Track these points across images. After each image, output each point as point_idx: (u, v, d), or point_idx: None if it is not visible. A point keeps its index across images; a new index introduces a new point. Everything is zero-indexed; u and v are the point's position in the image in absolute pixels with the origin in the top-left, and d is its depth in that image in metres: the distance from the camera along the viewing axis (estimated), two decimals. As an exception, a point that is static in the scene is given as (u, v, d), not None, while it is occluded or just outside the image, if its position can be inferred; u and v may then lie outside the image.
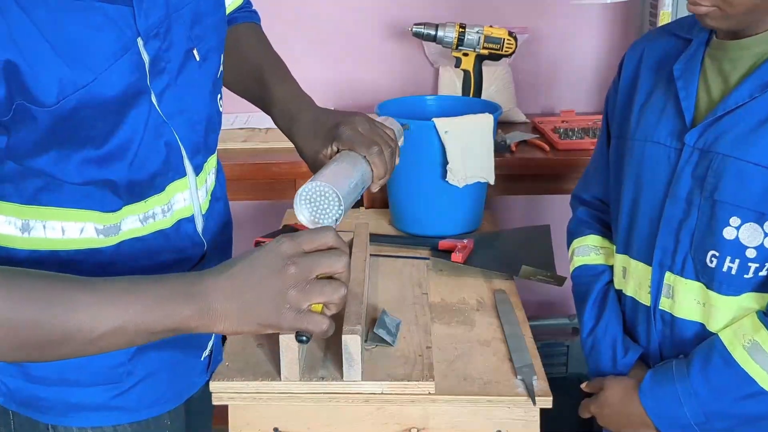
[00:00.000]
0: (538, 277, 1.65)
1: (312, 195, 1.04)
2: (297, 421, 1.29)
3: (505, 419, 1.27)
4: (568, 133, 2.20)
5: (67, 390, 1.09)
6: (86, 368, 1.08)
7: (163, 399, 1.19)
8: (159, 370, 1.16)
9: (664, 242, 1.27)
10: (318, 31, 2.46)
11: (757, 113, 1.17)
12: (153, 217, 1.09)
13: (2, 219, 1.02)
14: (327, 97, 2.50)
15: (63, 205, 1.02)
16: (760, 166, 1.15)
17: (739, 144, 1.17)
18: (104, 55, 0.96)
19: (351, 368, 1.25)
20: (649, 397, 1.27)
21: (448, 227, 1.85)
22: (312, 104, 1.28)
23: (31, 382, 1.07)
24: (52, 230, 1.03)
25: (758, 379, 1.16)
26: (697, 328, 1.26)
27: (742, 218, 1.17)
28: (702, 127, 1.22)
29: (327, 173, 1.07)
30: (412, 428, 1.29)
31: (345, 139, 1.14)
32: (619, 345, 1.38)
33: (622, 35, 2.49)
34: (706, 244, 1.22)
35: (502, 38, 2.17)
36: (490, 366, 1.34)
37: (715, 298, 1.22)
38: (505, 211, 2.58)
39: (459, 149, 1.77)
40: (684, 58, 1.28)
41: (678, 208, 1.25)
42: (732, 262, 1.19)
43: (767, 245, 1.16)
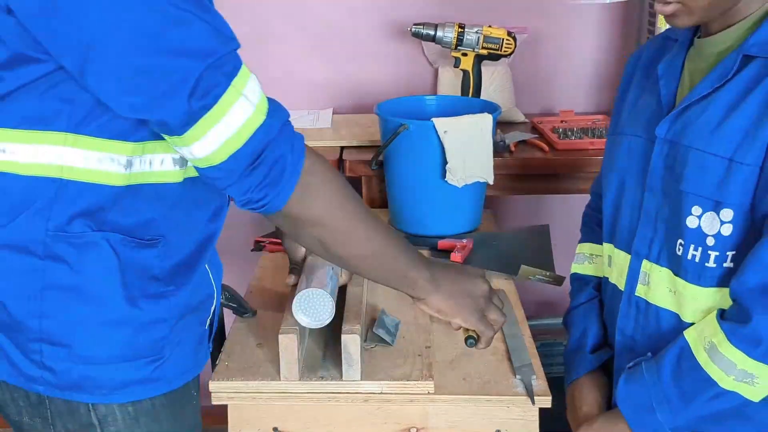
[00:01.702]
0: (537, 276, 1.65)
1: (307, 299, 1.26)
2: (296, 421, 1.29)
3: (505, 419, 1.28)
4: (567, 133, 2.20)
5: (113, 367, 1.10)
6: (132, 343, 1.10)
7: (188, 367, 1.19)
8: (184, 339, 1.17)
9: (643, 231, 1.31)
10: (318, 31, 2.45)
11: (719, 105, 1.21)
12: None
13: (105, 157, 1.04)
14: (327, 97, 2.50)
15: (155, 137, 1.06)
16: (718, 157, 1.19)
17: (700, 135, 1.21)
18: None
19: (350, 368, 1.25)
20: (624, 403, 1.28)
21: (448, 227, 1.85)
22: None
23: (81, 363, 1.08)
24: (145, 164, 1.07)
25: (718, 380, 1.17)
26: (671, 317, 1.28)
27: (703, 207, 1.21)
28: (670, 118, 1.27)
29: (315, 280, 1.28)
30: (411, 428, 1.29)
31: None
32: (590, 341, 1.45)
33: (622, 35, 2.49)
34: (675, 233, 1.25)
35: (501, 38, 2.17)
36: (489, 366, 1.34)
37: (683, 285, 1.25)
38: (504, 211, 2.58)
39: (458, 149, 1.78)
40: (667, 58, 1.33)
41: (654, 198, 1.29)
42: (696, 250, 1.22)
43: (724, 233, 1.20)
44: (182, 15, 0.94)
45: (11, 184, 1.04)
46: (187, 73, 0.95)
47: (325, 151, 2.14)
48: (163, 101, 0.96)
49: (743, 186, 1.17)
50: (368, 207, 1.23)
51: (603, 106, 2.53)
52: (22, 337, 1.08)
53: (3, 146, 1.03)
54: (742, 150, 1.17)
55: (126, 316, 1.09)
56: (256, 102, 1.02)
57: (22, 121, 1.02)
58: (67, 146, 1.02)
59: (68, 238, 1.05)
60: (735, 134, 1.18)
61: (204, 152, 1.01)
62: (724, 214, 1.19)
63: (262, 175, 1.03)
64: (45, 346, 1.07)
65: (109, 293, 1.07)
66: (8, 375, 1.11)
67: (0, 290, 1.07)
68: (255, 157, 1.02)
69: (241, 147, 1.01)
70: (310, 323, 1.26)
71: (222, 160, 1.01)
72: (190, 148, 1.01)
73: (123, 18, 0.92)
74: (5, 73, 0.99)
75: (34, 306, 1.06)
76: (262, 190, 1.04)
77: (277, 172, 1.04)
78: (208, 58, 0.96)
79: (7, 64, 0.98)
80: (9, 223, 1.05)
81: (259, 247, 1.77)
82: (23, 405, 1.13)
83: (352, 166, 2.10)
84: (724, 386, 1.17)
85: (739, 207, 1.18)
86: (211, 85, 0.97)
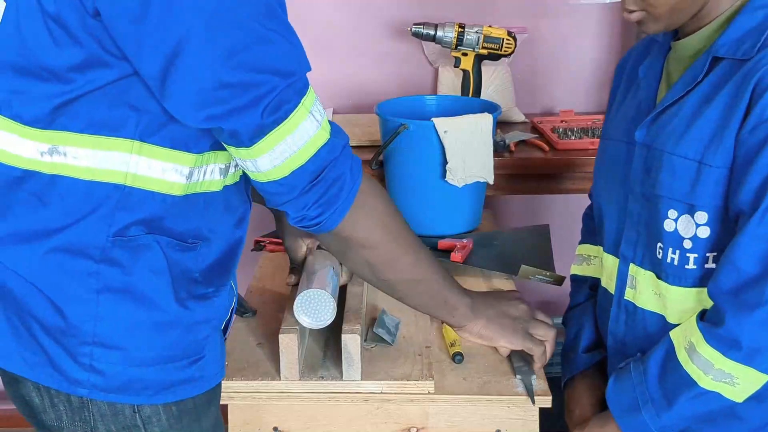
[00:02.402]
0: (537, 276, 1.65)
1: (308, 299, 1.26)
2: (297, 421, 1.29)
3: (505, 419, 1.28)
4: (567, 133, 2.20)
5: (161, 367, 1.11)
6: (180, 344, 1.11)
7: (221, 366, 1.21)
8: (218, 338, 1.19)
9: (628, 235, 1.32)
10: (318, 31, 2.46)
11: (688, 108, 1.21)
12: (236, 165, 1.15)
13: (170, 167, 1.06)
14: (327, 97, 2.50)
15: (207, 149, 1.09)
16: (687, 159, 1.19)
17: (672, 139, 1.22)
18: None
19: (350, 368, 1.25)
20: (613, 402, 1.28)
21: (448, 227, 1.85)
22: None
23: (133, 365, 1.08)
24: (202, 174, 1.10)
25: (697, 379, 1.17)
26: (657, 319, 1.28)
27: (678, 210, 1.21)
28: (646, 123, 1.27)
29: (316, 280, 1.28)
30: (411, 427, 1.29)
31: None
32: (583, 341, 1.46)
33: (622, 35, 2.49)
34: (654, 236, 1.26)
35: (501, 38, 2.17)
36: (489, 365, 1.34)
37: (665, 288, 1.25)
38: (504, 211, 2.58)
39: (458, 149, 1.78)
40: (648, 61, 1.34)
41: (636, 202, 1.29)
42: (674, 254, 1.23)
43: (700, 236, 1.20)
44: (268, 34, 0.98)
45: (71, 189, 1.04)
46: (269, 89, 0.99)
47: (325, 151, 2.15)
48: (240, 113, 0.99)
49: (714, 188, 1.17)
50: (414, 234, 1.25)
51: (603, 106, 2.52)
52: (73, 341, 1.07)
53: (65, 149, 1.03)
54: (710, 152, 1.17)
55: (176, 318, 1.10)
56: (321, 121, 1.06)
57: (88, 125, 1.02)
58: (134, 154, 1.03)
59: (124, 242, 1.06)
60: (703, 136, 1.18)
61: (269, 166, 1.03)
62: (698, 217, 1.19)
63: (320, 194, 1.06)
64: (97, 349, 1.07)
65: (161, 295, 1.08)
66: (51, 379, 1.09)
67: (56, 294, 1.06)
68: (316, 174, 1.05)
69: (305, 163, 1.04)
70: (312, 324, 1.26)
71: (284, 176, 1.04)
72: (256, 161, 1.03)
73: (213, 30, 0.94)
74: (76, 76, 0.99)
75: (90, 309, 1.06)
76: (318, 207, 1.07)
77: (334, 192, 1.07)
78: (290, 77, 1.01)
79: (80, 66, 0.98)
80: (67, 227, 1.05)
81: (260, 247, 1.77)
82: (63, 409, 1.11)
83: (352, 166, 2.09)
84: (703, 386, 1.17)
85: (713, 209, 1.18)
86: (284, 101, 1.00)
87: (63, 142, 1.02)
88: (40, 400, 1.12)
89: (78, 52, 0.97)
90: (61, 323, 1.06)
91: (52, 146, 1.03)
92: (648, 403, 1.22)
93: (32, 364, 1.09)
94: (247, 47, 0.96)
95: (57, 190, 1.04)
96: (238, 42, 0.96)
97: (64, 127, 1.02)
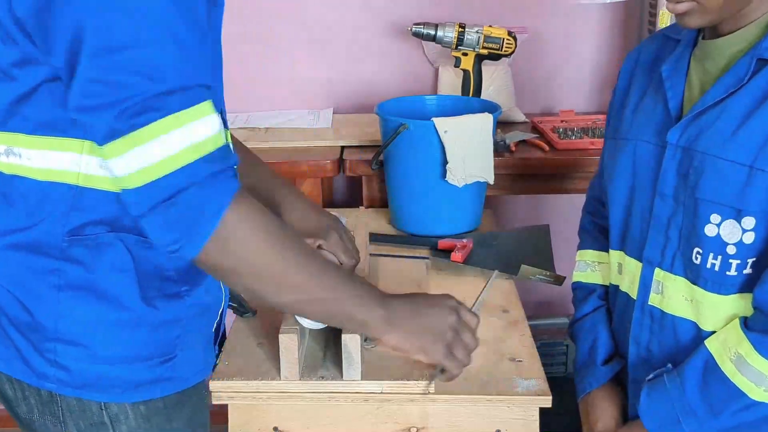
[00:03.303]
0: (537, 276, 1.65)
1: None
2: (297, 421, 1.29)
3: (505, 419, 1.28)
4: (567, 133, 2.20)
5: (128, 366, 1.11)
6: (147, 343, 1.11)
7: (198, 368, 1.20)
8: (196, 339, 1.18)
9: (654, 239, 1.28)
10: (318, 31, 2.45)
11: (734, 111, 1.18)
12: None
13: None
14: (327, 97, 2.50)
15: None
16: (737, 164, 1.16)
17: (717, 142, 1.18)
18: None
19: (350, 367, 1.25)
20: (648, 416, 1.26)
21: (448, 227, 1.85)
22: (297, 195, 1.45)
23: (96, 362, 1.09)
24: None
25: (747, 391, 1.16)
26: (689, 326, 1.26)
27: (722, 215, 1.18)
28: (682, 124, 1.24)
29: None
30: (411, 427, 1.29)
31: (332, 243, 1.38)
32: (600, 353, 1.43)
33: (622, 35, 2.49)
34: (691, 241, 1.23)
35: (501, 38, 2.17)
36: (489, 365, 1.34)
37: (701, 294, 1.22)
38: (504, 211, 2.58)
39: (458, 149, 1.78)
40: (672, 60, 1.30)
41: (666, 205, 1.26)
42: (715, 259, 1.20)
43: (746, 241, 1.17)
44: (160, 37, 0.94)
45: (29, 189, 1.05)
46: (134, 93, 0.94)
47: (325, 151, 2.15)
48: (99, 110, 0.95)
49: (766, 193, 1.15)
50: (310, 250, 1.14)
51: (603, 106, 2.52)
52: (38, 336, 1.08)
53: (20, 151, 1.04)
54: (763, 156, 1.14)
55: (142, 316, 1.09)
56: (197, 141, 0.97)
57: (38, 126, 1.02)
58: (84, 154, 1.03)
59: (83, 240, 1.06)
60: (754, 141, 1.15)
61: (123, 172, 0.97)
62: (745, 222, 1.17)
63: (174, 217, 0.97)
64: (59, 345, 1.08)
65: (125, 293, 1.08)
66: (21, 372, 1.11)
67: (21, 291, 1.08)
68: (170, 194, 0.96)
69: (158, 179, 0.96)
70: (311, 324, 1.26)
71: (135, 186, 0.97)
72: (108, 163, 0.98)
73: (102, 23, 0.92)
74: (18, 72, 1.00)
75: (52, 306, 1.07)
76: (173, 231, 0.98)
77: (191, 217, 0.98)
78: (163, 85, 0.94)
79: (19, 63, 0.99)
80: (31, 227, 1.06)
81: (260, 246, 1.77)
82: (35, 403, 1.13)
83: (353, 165, 2.10)
84: (754, 397, 1.16)
85: (762, 214, 1.16)
86: (150, 109, 0.94)
87: (16, 143, 1.04)
88: (13, 393, 1.14)
89: (15, 49, 0.98)
90: (28, 319, 1.08)
91: (8, 147, 1.05)
92: (689, 416, 1.21)
93: (5, 358, 1.11)
94: (129, 46, 0.93)
95: (18, 190, 1.06)
96: (122, 39, 0.93)
97: (16, 129, 1.03)
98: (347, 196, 2.54)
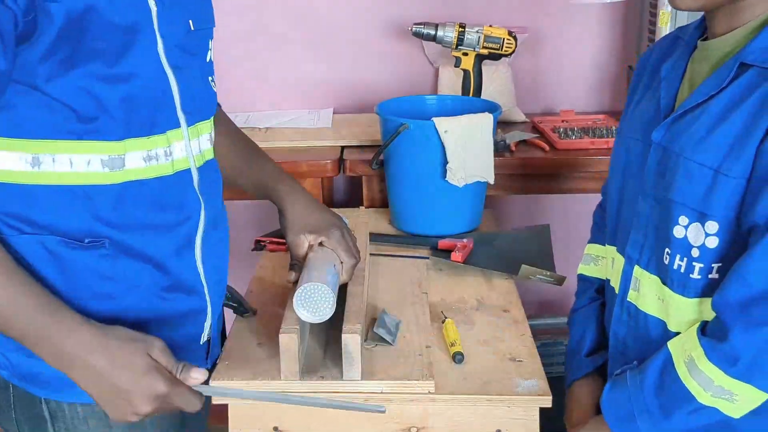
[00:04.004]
0: (537, 276, 1.65)
1: (308, 293, 1.24)
2: (297, 421, 1.29)
3: (505, 419, 1.28)
4: (567, 133, 2.20)
5: None
6: None
7: None
8: None
9: (635, 237, 1.29)
10: (318, 31, 2.45)
11: (712, 113, 1.17)
12: (156, 158, 1.14)
13: (13, 155, 1.07)
14: (327, 97, 2.50)
15: (69, 137, 1.07)
16: (704, 167, 1.16)
17: (691, 143, 1.18)
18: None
19: (351, 367, 1.25)
20: (607, 410, 1.27)
21: (448, 227, 1.85)
22: (301, 192, 1.44)
23: (30, 357, 1.08)
24: (60, 164, 1.08)
25: (696, 395, 1.16)
26: (658, 325, 1.27)
27: (690, 218, 1.18)
28: (666, 124, 1.24)
29: (316, 275, 1.27)
30: (411, 428, 1.29)
31: (334, 240, 1.37)
32: (586, 345, 1.45)
33: (622, 35, 2.49)
34: (662, 241, 1.23)
35: (501, 38, 2.17)
36: (489, 365, 1.34)
37: (669, 294, 1.23)
38: (504, 211, 2.58)
39: (459, 149, 1.78)
40: (672, 59, 1.30)
41: (647, 204, 1.26)
42: (681, 261, 1.20)
43: (709, 245, 1.17)
44: None
45: None
46: None
47: (325, 151, 2.15)
48: None
49: (729, 199, 1.14)
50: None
51: (603, 106, 2.53)
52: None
53: None
54: (728, 161, 1.13)
55: None
56: None
57: None
58: None
59: (6, 239, 1.08)
60: (722, 144, 1.14)
61: None
62: (709, 227, 1.16)
63: None
64: (2, 336, 1.08)
65: (53, 292, 1.08)
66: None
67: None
68: None
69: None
70: (311, 318, 1.26)
71: None
72: None
73: None
74: None
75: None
76: None
77: None
78: None
79: None
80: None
81: (260, 246, 1.77)
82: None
83: (353, 165, 2.10)
84: (702, 401, 1.15)
85: (724, 220, 1.15)
86: None
87: None
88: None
89: None
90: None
91: None
92: (644, 413, 1.21)
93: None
94: None
95: None
96: None
97: None
98: (347, 196, 2.54)
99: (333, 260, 1.35)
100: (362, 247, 1.51)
